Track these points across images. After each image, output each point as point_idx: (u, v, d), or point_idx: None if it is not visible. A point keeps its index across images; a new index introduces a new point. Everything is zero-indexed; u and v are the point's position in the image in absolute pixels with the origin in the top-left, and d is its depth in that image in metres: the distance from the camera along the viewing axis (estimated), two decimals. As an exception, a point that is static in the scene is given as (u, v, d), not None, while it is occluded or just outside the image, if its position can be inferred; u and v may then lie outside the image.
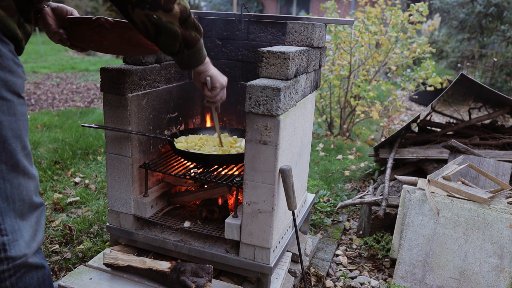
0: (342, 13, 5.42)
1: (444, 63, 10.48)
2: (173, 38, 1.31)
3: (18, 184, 1.08)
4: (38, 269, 1.17)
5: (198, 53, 1.42)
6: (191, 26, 1.33)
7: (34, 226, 1.14)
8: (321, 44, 1.95)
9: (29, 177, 1.11)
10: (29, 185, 1.12)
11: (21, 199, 1.09)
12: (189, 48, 1.37)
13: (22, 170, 1.09)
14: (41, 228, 1.18)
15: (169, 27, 1.28)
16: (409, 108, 7.17)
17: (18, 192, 1.08)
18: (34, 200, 1.15)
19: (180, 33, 1.31)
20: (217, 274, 1.84)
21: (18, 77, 1.08)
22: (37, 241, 1.15)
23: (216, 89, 1.58)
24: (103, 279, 1.73)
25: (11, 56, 1.05)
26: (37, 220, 1.16)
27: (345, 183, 3.43)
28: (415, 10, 4.39)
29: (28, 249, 1.11)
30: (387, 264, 2.31)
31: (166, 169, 1.87)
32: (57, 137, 4.07)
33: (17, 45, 1.10)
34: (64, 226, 2.47)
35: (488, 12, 8.25)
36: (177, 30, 1.29)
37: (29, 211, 1.13)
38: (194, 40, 1.36)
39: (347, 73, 4.65)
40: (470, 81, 2.86)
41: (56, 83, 7.70)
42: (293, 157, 1.79)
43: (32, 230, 1.14)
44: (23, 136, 1.09)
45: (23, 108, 1.10)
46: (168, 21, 1.27)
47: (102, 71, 1.70)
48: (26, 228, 1.11)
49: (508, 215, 2.02)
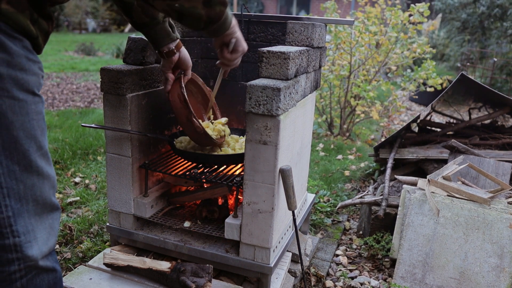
0: (342, 13, 5.42)
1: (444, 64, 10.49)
2: (197, 20, 1.30)
3: (32, 185, 1.06)
4: (50, 272, 1.15)
5: (224, 23, 1.40)
6: (216, 3, 1.30)
7: (47, 229, 1.12)
8: (321, 44, 1.95)
9: (43, 178, 1.09)
10: (44, 186, 1.09)
11: (35, 200, 1.07)
12: (214, 23, 1.35)
13: (36, 171, 1.06)
14: (54, 232, 1.15)
15: (192, 12, 1.26)
16: (409, 108, 7.17)
17: (32, 192, 1.06)
18: (49, 201, 1.12)
19: (204, 14, 1.29)
20: (217, 274, 1.84)
21: (32, 75, 1.05)
22: (49, 245, 1.13)
23: (237, 53, 1.56)
24: (103, 279, 1.73)
25: (23, 53, 1.02)
26: (52, 222, 1.14)
27: (345, 183, 3.43)
28: (416, 11, 4.39)
29: (40, 252, 1.09)
30: (387, 264, 2.31)
31: (166, 169, 1.87)
32: (57, 137, 4.07)
33: (32, 42, 1.07)
34: (64, 226, 2.47)
35: (492, 13, 8.23)
36: (200, 12, 1.27)
37: (43, 212, 1.11)
38: (219, 15, 1.34)
39: (347, 73, 4.65)
40: (470, 81, 2.86)
41: (56, 83, 7.70)
42: (293, 157, 1.79)
43: (45, 233, 1.11)
44: (37, 136, 1.06)
45: (38, 107, 1.07)
46: (191, 6, 1.25)
47: (102, 71, 1.70)
48: (40, 230, 1.09)
49: (508, 215, 2.02)
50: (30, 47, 1.05)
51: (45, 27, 1.12)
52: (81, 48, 12.60)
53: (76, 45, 13.16)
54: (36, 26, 1.07)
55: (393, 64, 4.89)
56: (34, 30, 1.06)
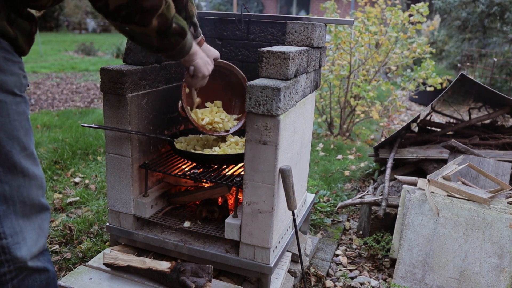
0: (342, 13, 5.42)
1: (444, 63, 10.48)
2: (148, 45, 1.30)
3: (18, 186, 1.05)
4: (42, 272, 1.15)
5: (180, 51, 1.40)
6: (172, 34, 1.29)
7: (37, 230, 1.11)
8: (321, 44, 1.95)
9: (30, 178, 1.08)
10: (31, 187, 1.08)
11: (22, 201, 1.07)
12: (167, 52, 1.35)
13: (21, 172, 1.05)
14: (44, 232, 1.15)
15: (142, 38, 1.25)
16: (409, 108, 7.17)
17: (19, 194, 1.06)
18: (37, 202, 1.11)
19: (155, 42, 1.28)
20: (217, 274, 1.84)
21: (11, 75, 1.02)
22: (38, 246, 1.12)
23: (196, 78, 1.61)
24: (103, 279, 1.73)
25: (0, 53, 1.00)
26: (41, 223, 1.13)
27: (345, 183, 3.43)
28: (416, 11, 4.39)
29: (29, 253, 1.09)
30: (387, 264, 2.31)
31: (166, 169, 1.87)
32: (57, 137, 4.07)
33: (11, 43, 1.05)
34: (64, 226, 2.47)
35: (491, 12, 8.23)
36: (152, 40, 1.26)
37: (31, 213, 1.10)
38: (172, 45, 1.33)
39: (347, 73, 4.65)
40: (470, 81, 2.86)
41: (56, 83, 7.70)
42: (293, 157, 1.79)
43: (35, 233, 1.11)
44: (21, 137, 1.05)
45: (20, 107, 1.05)
46: (142, 33, 1.23)
47: (102, 71, 1.70)
48: (28, 230, 1.09)
49: (508, 215, 2.02)
50: (8, 47, 1.03)
51: (27, 28, 1.10)
52: (81, 48, 12.61)
53: (76, 45, 13.17)
54: (15, 26, 1.05)
55: (393, 64, 4.89)
56: (11, 30, 1.04)
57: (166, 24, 1.23)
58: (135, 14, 1.15)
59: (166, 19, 1.22)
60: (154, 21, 1.19)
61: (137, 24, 1.18)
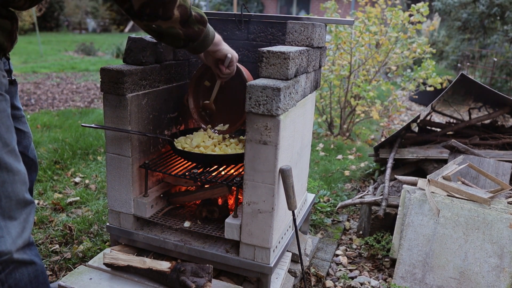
0: (342, 13, 5.42)
1: (444, 63, 10.48)
2: (176, 39, 1.34)
3: (2, 182, 1.07)
4: (28, 265, 1.17)
5: (204, 40, 1.44)
6: (194, 22, 1.34)
7: (22, 223, 1.14)
8: (321, 44, 1.94)
9: (14, 174, 1.10)
10: (15, 182, 1.10)
11: (6, 196, 1.08)
12: (194, 41, 1.39)
13: (5, 167, 1.07)
14: (29, 225, 1.17)
15: (170, 32, 1.30)
16: (409, 108, 7.17)
17: (3, 189, 1.08)
18: (22, 197, 1.13)
19: (182, 33, 1.33)
20: (217, 274, 1.84)
21: None
22: (23, 238, 1.14)
23: (233, 65, 1.64)
24: (103, 279, 1.73)
25: None
26: (26, 217, 1.16)
27: (345, 183, 3.43)
28: (416, 11, 4.39)
29: (14, 246, 1.10)
30: (387, 264, 2.31)
31: (166, 169, 1.87)
32: (57, 137, 4.08)
33: None
34: (64, 226, 2.47)
35: (491, 13, 8.23)
36: (178, 32, 1.31)
37: (17, 208, 1.12)
38: (197, 33, 1.38)
39: (347, 73, 4.65)
40: (470, 81, 2.86)
41: (56, 83, 7.70)
42: (293, 157, 1.79)
43: (20, 227, 1.13)
44: (2, 134, 1.07)
45: (0, 105, 1.07)
46: (169, 27, 1.29)
47: (102, 71, 1.70)
48: (14, 225, 1.11)
49: (508, 215, 2.02)
50: None
51: (7, 26, 1.13)
52: (81, 48, 12.62)
53: (76, 45, 13.17)
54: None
55: (393, 64, 4.88)
56: None
57: (187, 12, 1.29)
58: (158, 8, 1.21)
59: (185, 8, 1.28)
60: (175, 12, 1.26)
61: (162, 18, 1.24)
